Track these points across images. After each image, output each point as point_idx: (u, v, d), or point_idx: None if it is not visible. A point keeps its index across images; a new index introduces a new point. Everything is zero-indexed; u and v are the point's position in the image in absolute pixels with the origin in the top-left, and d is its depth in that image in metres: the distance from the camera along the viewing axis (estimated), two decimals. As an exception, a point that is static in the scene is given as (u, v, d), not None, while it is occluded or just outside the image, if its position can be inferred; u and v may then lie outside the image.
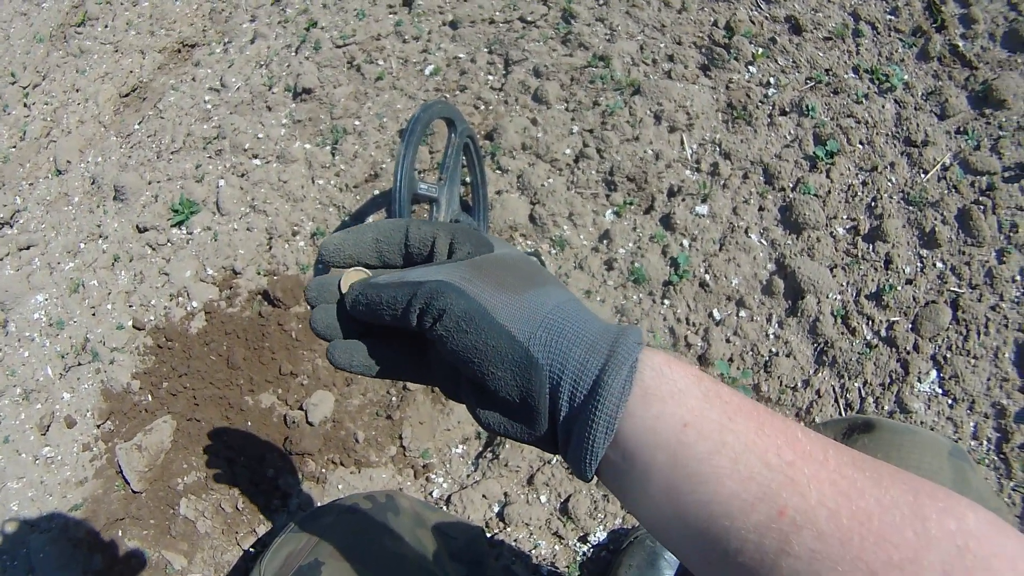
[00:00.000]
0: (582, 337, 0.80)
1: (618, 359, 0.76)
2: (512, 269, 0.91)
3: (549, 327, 0.81)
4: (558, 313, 0.83)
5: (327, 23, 3.91)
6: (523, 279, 0.89)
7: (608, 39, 3.45)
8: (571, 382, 0.78)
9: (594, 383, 0.76)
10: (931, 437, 1.28)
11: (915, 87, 3.05)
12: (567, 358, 0.79)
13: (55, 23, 4.75)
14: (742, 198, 2.99)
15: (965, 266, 2.66)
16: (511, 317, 0.82)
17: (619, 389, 0.75)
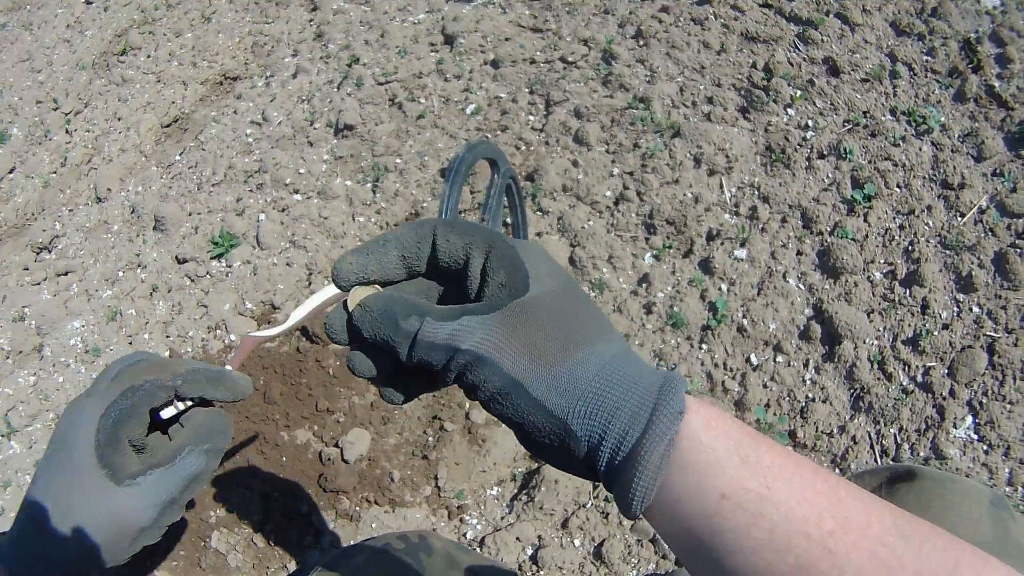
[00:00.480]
0: (621, 408, 0.77)
1: (656, 434, 0.75)
2: (550, 322, 0.83)
3: (588, 400, 0.79)
4: (598, 383, 0.79)
5: (369, 60, 3.93)
6: (561, 339, 0.82)
7: (648, 80, 3.46)
8: (610, 452, 0.78)
9: (630, 456, 0.76)
10: (972, 486, 1.28)
11: (951, 129, 3.05)
12: (606, 431, 0.78)
13: (98, 51, 4.79)
14: (780, 242, 2.99)
15: (1001, 310, 2.65)
16: (548, 392, 0.80)
17: (655, 466, 0.75)
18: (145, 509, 0.98)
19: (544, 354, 0.80)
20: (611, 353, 0.83)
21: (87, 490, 0.96)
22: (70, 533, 0.97)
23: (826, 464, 2.62)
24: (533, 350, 0.81)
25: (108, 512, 0.96)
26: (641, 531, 2.54)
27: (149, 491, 0.98)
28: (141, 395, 1.01)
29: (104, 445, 0.98)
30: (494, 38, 3.82)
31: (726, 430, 0.77)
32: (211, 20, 4.69)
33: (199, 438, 1.05)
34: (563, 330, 0.83)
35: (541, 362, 0.80)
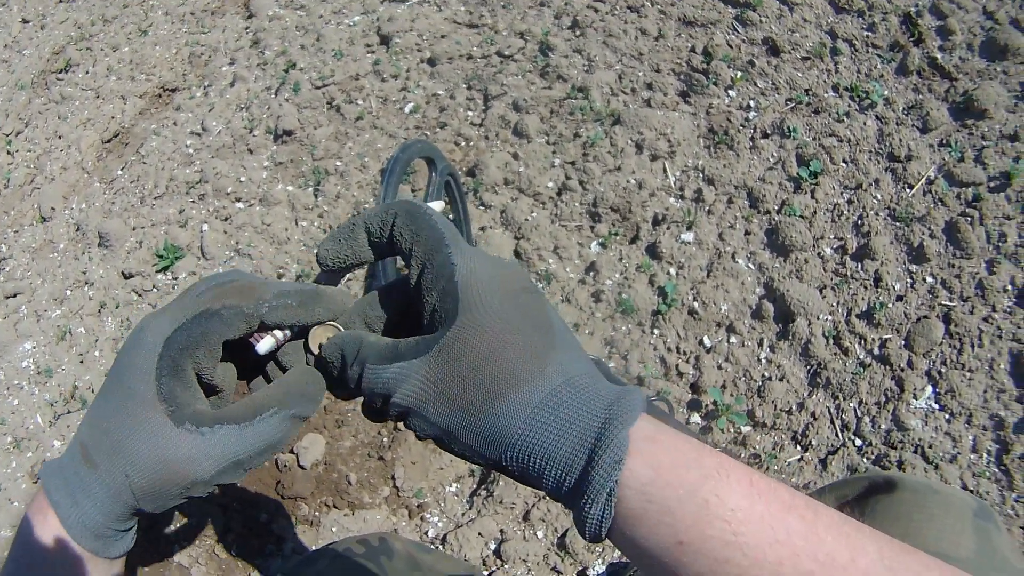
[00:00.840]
0: (554, 457, 0.74)
1: (593, 489, 0.71)
2: (476, 367, 0.78)
3: (518, 449, 0.76)
4: (527, 432, 0.75)
5: (305, 64, 3.90)
6: (484, 388, 0.78)
7: (586, 70, 3.44)
8: (552, 492, 0.76)
9: (573, 504, 0.74)
10: (955, 497, 1.24)
11: (896, 102, 3.05)
12: (542, 478, 0.75)
13: (36, 70, 4.75)
14: (727, 223, 2.98)
15: (955, 279, 2.65)
16: (476, 441, 0.78)
17: (596, 518, 0.71)
18: (204, 463, 0.82)
19: (467, 405, 0.78)
20: (548, 389, 0.77)
21: (141, 425, 0.83)
22: (117, 470, 0.83)
23: (786, 442, 2.61)
24: (456, 401, 0.78)
25: (162, 457, 0.82)
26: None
27: (214, 446, 0.83)
28: (216, 322, 0.86)
29: (166, 375, 0.84)
30: (430, 36, 3.79)
31: (679, 474, 0.71)
32: (147, 33, 4.64)
33: (287, 400, 0.87)
34: (488, 375, 0.78)
35: (466, 413, 0.78)
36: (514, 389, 0.77)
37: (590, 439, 0.73)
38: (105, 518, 0.85)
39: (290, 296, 0.90)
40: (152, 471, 0.82)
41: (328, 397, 2.77)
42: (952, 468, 2.40)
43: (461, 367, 0.78)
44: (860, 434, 2.55)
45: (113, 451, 0.83)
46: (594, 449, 0.72)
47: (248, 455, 0.84)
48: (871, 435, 2.53)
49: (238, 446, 0.83)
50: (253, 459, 0.85)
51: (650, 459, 0.72)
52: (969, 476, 2.39)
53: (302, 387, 0.89)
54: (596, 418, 0.74)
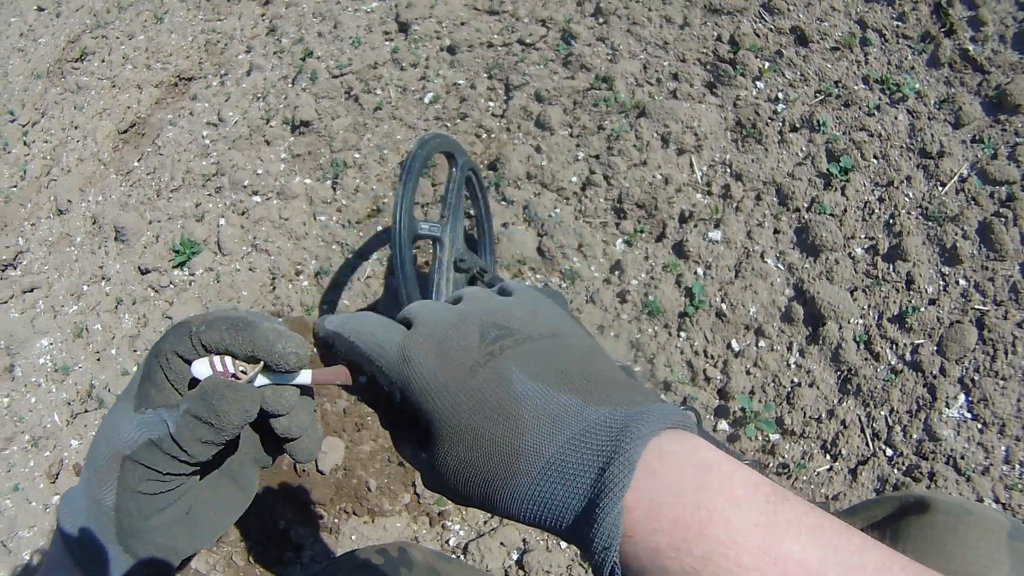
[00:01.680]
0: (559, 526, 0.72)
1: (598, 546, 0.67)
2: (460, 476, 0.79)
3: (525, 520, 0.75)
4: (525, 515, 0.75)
5: (323, 52, 3.85)
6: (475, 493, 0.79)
7: (610, 59, 3.37)
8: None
9: None
10: (989, 518, 1.20)
11: (927, 95, 2.97)
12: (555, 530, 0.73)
13: (52, 59, 4.70)
14: (756, 221, 2.91)
15: (989, 282, 2.57)
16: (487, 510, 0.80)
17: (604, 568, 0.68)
18: (130, 436, 0.85)
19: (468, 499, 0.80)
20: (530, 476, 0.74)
21: (112, 415, 0.89)
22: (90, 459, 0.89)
23: (815, 451, 2.56)
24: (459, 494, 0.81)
25: (111, 433, 0.88)
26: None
27: (140, 423, 0.86)
28: (171, 335, 0.89)
29: (144, 378, 0.89)
30: (449, 23, 3.73)
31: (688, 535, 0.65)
32: (163, 20, 4.59)
33: (189, 396, 0.87)
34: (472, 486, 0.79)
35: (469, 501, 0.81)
36: (501, 489, 0.76)
37: (584, 526, 0.69)
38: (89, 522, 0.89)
39: (222, 321, 0.88)
40: (102, 449, 0.87)
41: (347, 399, 2.73)
42: (984, 480, 2.34)
43: (450, 480, 0.80)
44: (891, 443, 2.49)
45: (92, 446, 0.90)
46: (589, 537, 0.68)
47: (158, 437, 0.85)
48: (902, 445, 2.47)
49: (156, 428, 0.85)
50: (161, 441, 0.85)
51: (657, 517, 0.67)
52: (1001, 488, 2.33)
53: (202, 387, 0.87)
54: (584, 490, 0.70)
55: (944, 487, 2.33)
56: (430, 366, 0.80)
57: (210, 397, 0.84)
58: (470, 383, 0.78)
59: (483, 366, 0.79)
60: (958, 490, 2.33)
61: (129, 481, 0.86)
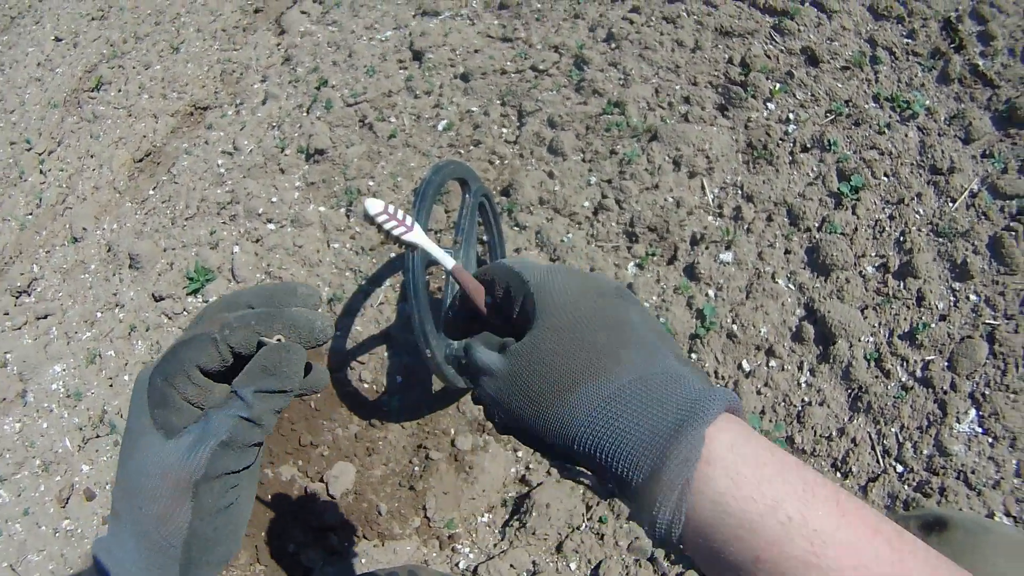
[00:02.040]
0: (621, 452, 0.74)
1: (663, 489, 0.69)
2: (546, 363, 0.84)
3: (584, 441, 0.77)
4: (594, 425, 0.77)
5: (337, 81, 3.87)
6: (554, 381, 0.82)
7: (622, 84, 3.38)
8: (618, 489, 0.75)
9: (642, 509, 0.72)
10: (1007, 536, 1.19)
11: (937, 112, 2.96)
12: (610, 470, 0.75)
13: (69, 88, 4.75)
14: (767, 242, 2.91)
15: (999, 296, 2.56)
16: (546, 430, 0.81)
17: (666, 523, 0.70)
18: (192, 456, 0.82)
19: (539, 398, 0.83)
20: (617, 384, 0.79)
21: (142, 454, 0.85)
22: (133, 506, 0.85)
23: (826, 469, 2.54)
24: (530, 394, 0.84)
25: (160, 468, 0.83)
26: (638, 551, 2.47)
27: (196, 437, 0.84)
28: (188, 350, 0.86)
29: (157, 406, 0.85)
30: (463, 51, 3.75)
31: (762, 489, 0.69)
32: (179, 50, 4.64)
33: (244, 380, 0.86)
34: (559, 371, 0.82)
35: (538, 405, 0.83)
36: (582, 383, 0.80)
37: (662, 436, 0.72)
38: (145, 572, 0.85)
39: (250, 317, 0.88)
40: (158, 488, 0.83)
41: (359, 423, 2.73)
42: (995, 494, 2.32)
43: (535, 363, 0.85)
44: (902, 460, 2.48)
45: (127, 491, 0.85)
46: (666, 447, 0.71)
47: (228, 433, 0.83)
48: (912, 461, 2.45)
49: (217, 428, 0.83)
50: (235, 436, 0.83)
51: (730, 469, 0.70)
52: (1012, 502, 2.31)
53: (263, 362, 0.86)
54: (668, 416, 0.73)
55: (955, 502, 2.32)
56: (565, 277, 0.92)
57: (272, 363, 0.84)
58: (596, 300, 0.89)
59: (612, 296, 0.90)
60: (968, 504, 2.31)
61: (208, 503, 0.84)
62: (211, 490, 0.83)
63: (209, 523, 0.84)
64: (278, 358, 0.85)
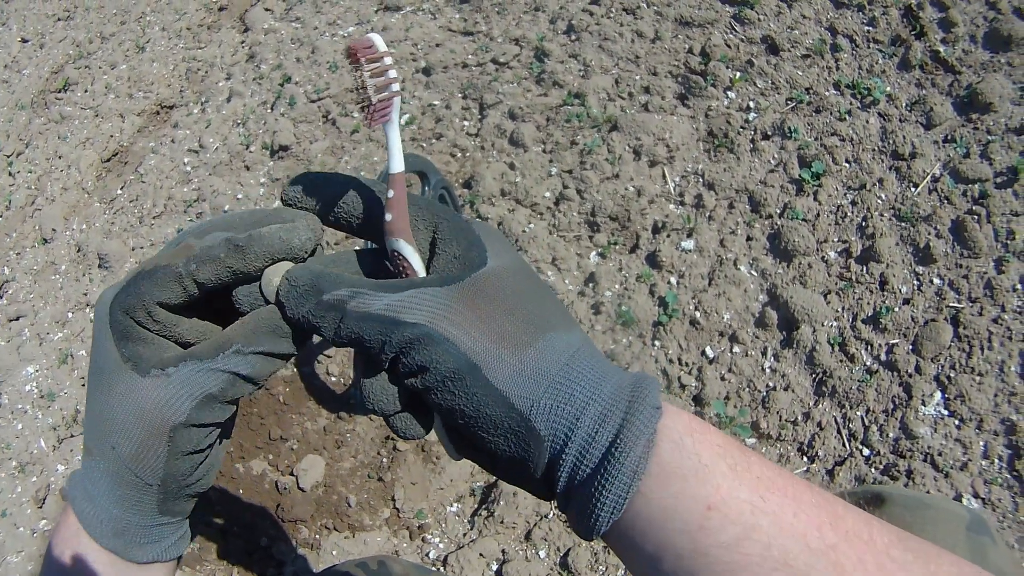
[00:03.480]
0: (593, 402, 0.68)
1: (633, 431, 0.65)
2: (514, 301, 0.74)
3: (555, 392, 0.69)
4: (567, 372, 0.69)
5: (301, 77, 3.88)
6: (527, 320, 0.73)
7: (582, 75, 3.40)
8: (576, 454, 0.68)
9: (602, 458, 0.66)
10: (946, 510, 1.19)
11: (898, 98, 2.99)
12: (574, 428, 0.68)
13: (36, 89, 4.74)
14: (729, 229, 2.93)
15: (963, 280, 2.59)
16: (510, 380, 0.69)
17: (632, 467, 0.65)
18: (176, 403, 0.75)
19: (508, 335, 0.71)
20: (580, 341, 0.74)
21: (113, 389, 0.76)
22: (105, 446, 0.78)
23: (792, 454, 2.57)
24: (495, 328, 0.71)
25: (136, 411, 0.75)
26: (605, 538, 2.48)
27: (183, 384, 0.75)
28: (148, 284, 0.77)
29: (121, 339, 0.77)
30: (425, 45, 3.76)
31: (708, 436, 0.68)
32: (145, 49, 4.63)
33: (251, 338, 0.77)
34: (528, 311, 0.73)
35: (505, 343, 0.71)
36: (554, 331, 0.73)
37: (626, 389, 0.69)
38: (120, 509, 0.80)
39: (218, 249, 0.77)
40: (132, 429, 0.76)
41: (327, 416, 2.74)
42: (963, 476, 2.34)
43: (503, 296, 0.73)
44: (868, 443, 2.50)
45: (98, 428, 0.78)
46: (633, 398, 0.67)
47: (219, 388, 0.76)
48: (879, 444, 2.47)
49: (206, 381, 0.75)
50: (226, 391, 0.76)
51: (683, 419, 0.68)
52: (980, 483, 2.33)
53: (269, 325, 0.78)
54: (627, 376, 0.70)
55: (922, 484, 2.34)
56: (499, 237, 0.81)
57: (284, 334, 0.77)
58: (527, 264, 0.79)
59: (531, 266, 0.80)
60: (936, 487, 2.33)
61: (184, 447, 0.78)
62: (189, 436, 0.78)
63: (185, 462, 0.79)
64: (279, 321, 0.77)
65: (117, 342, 0.77)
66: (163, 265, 0.76)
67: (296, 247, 0.77)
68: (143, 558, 0.82)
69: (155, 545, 0.83)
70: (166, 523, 0.84)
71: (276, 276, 0.77)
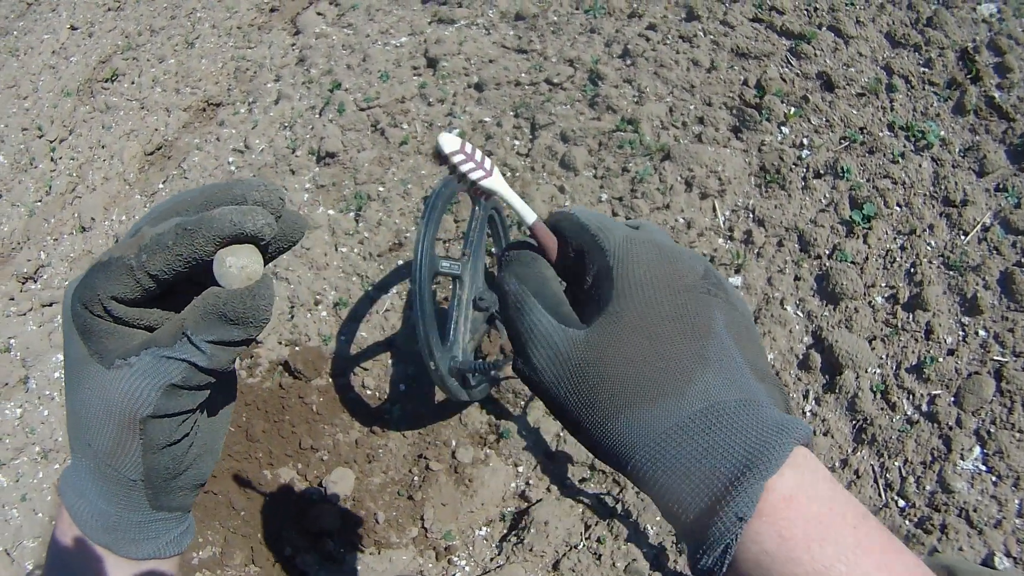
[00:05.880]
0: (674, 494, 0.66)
1: (709, 540, 0.63)
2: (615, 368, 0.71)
3: (639, 471, 0.69)
4: (651, 458, 0.68)
5: (351, 85, 3.86)
6: (618, 393, 0.70)
7: (636, 101, 3.37)
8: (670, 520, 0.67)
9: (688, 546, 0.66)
10: None
11: (952, 143, 2.96)
12: (660, 506, 0.68)
13: (83, 77, 4.74)
14: (777, 267, 2.90)
15: (1009, 333, 2.55)
16: (596, 445, 0.72)
17: (706, 572, 0.63)
18: (139, 393, 0.72)
19: (594, 404, 0.71)
20: (685, 414, 0.68)
21: (82, 384, 0.75)
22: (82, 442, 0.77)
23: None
24: (584, 395, 0.72)
25: (105, 405, 0.73)
26: (635, 572, 2.46)
27: (145, 374, 0.72)
28: (102, 278, 0.72)
29: (83, 334, 0.74)
30: (478, 60, 3.74)
31: (811, 549, 0.62)
32: (194, 45, 4.63)
33: (199, 325, 0.72)
34: (622, 381, 0.70)
35: (590, 411, 0.71)
36: (650, 403, 0.69)
37: (719, 485, 0.64)
38: (110, 504, 0.78)
39: (167, 236, 0.71)
40: (104, 425, 0.75)
41: (360, 429, 2.72)
42: (996, 533, 2.31)
43: (605, 363, 0.71)
44: (904, 495, 2.47)
45: (74, 425, 0.77)
46: (720, 498, 0.64)
47: (181, 377, 0.72)
48: (915, 496, 2.44)
49: (169, 368, 0.72)
50: (188, 379, 0.73)
51: (781, 526, 0.63)
52: (1013, 542, 2.29)
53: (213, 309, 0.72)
54: (731, 461, 0.65)
55: (955, 540, 2.31)
56: (650, 258, 0.76)
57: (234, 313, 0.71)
58: (680, 296, 0.74)
59: (697, 292, 0.75)
60: (969, 543, 2.30)
61: (158, 439, 0.76)
62: (161, 427, 0.75)
63: (165, 455, 0.77)
64: (242, 307, 0.72)
65: (81, 336, 0.75)
66: (116, 257, 0.72)
67: (250, 231, 0.71)
68: (138, 554, 0.81)
69: (151, 542, 0.82)
70: (162, 519, 0.83)
71: (231, 257, 0.71)
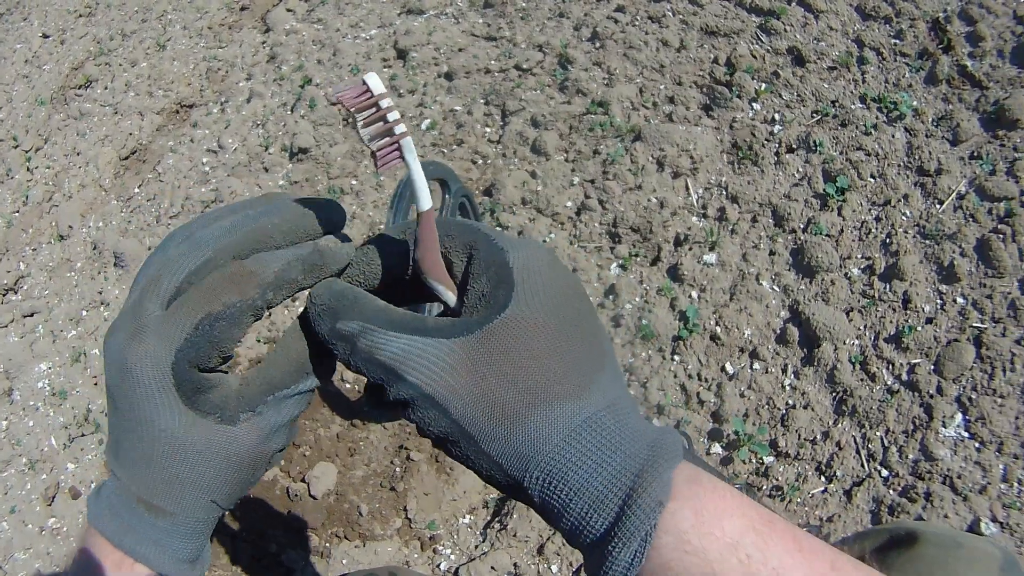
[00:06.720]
0: (586, 488, 0.64)
1: (626, 528, 0.61)
2: (521, 363, 0.67)
3: (546, 470, 0.65)
4: (563, 451, 0.65)
5: (322, 79, 3.86)
6: (529, 389, 0.67)
7: (606, 83, 3.37)
8: (570, 531, 0.65)
9: (590, 549, 0.64)
10: (980, 550, 1.15)
11: (925, 113, 2.95)
12: (565, 510, 0.65)
13: (56, 85, 4.73)
14: (751, 243, 2.89)
15: (987, 299, 2.55)
16: (501, 451, 0.67)
17: (623, 566, 0.61)
18: (273, 438, 0.76)
19: (503, 406, 0.67)
20: (593, 408, 0.68)
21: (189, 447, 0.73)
22: (201, 503, 0.75)
23: (810, 473, 2.53)
24: (491, 399, 0.67)
25: (223, 459, 0.74)
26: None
27: (271, 420, 0.76)
28: (224, 327, 0.72)
29: (195, 394, 0.72)
30: (447, 49, 3.74)
31: (723, 524, 0.62)
32: (165, 48, 4.62)
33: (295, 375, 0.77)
34: (535, 376, 0.67)
35: (497, 416, 0.67)
36: (563, 398, 0.67)
37: (630, 474, 0.64)
38: (195, 545, 0.79)
39: (292, 270, 0.75)
40: (234, 477, 0.76)
41: (340, 424, 2.71)
42: (981, 499, 2.30)
43: (510, 357, 0.68)
44: (887, 464, 2.46)
45: (189, 491, 0.75)
46: (634, 486, 0.63)
47: (302, 408, 0.80)
48: (898, 465, 2.43)
49: (291, 406, 0.78)
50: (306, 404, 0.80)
51: (693, 503, 0.63)
52: (999, 507, 2.29)
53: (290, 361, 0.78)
54: (638, 452, 0.65)
55: (940, 507, 2.30)
56: (549, 260, 0.75)
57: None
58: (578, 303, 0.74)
59: (586, 299, 0.75)
60: (955, 510, 2.30)
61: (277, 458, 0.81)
62: (280, 456, 0.81)
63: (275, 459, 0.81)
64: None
65: (187, 399, 0.72)
66: (233, 302, 0.72)
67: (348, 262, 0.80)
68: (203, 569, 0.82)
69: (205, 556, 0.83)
70: None
71: None
